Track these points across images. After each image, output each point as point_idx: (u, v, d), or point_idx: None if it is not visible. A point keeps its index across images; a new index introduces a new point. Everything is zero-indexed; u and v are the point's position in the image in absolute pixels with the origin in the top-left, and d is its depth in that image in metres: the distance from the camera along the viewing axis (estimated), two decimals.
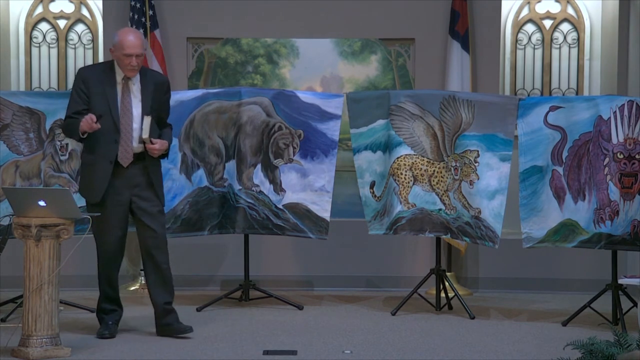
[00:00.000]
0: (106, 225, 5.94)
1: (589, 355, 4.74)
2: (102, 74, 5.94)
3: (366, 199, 7.08)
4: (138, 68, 5.89)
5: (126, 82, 5.91)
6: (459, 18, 7.76)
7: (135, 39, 5.86)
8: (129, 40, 5.85)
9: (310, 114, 7.00)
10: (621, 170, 6.44)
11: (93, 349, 5.80)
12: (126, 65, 5.86)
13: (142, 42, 5.90)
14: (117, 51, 5.90)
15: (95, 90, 5.88)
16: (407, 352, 5.83)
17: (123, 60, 5.86)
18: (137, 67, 5.87)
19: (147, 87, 5.93)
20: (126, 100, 5.89)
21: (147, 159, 5.94)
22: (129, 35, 5.89)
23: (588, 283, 7.60)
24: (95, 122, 5.71)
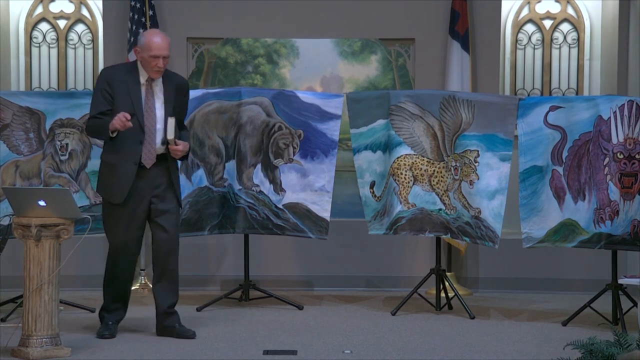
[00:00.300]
0: (125, 225, 5.91)
1: (589, 355, 4.74)
2: (126, 74, 5.90)
3: (366, 199, 7.08)
4: (163, 70, 5.88)
5: (150, 83, 5.89)
6: (459, 18, 7.76)
7: (162, 40, 5.85)
8: (156, 42, 5.83)
9: (310, 114, 7.00)
10: (621, 170, 6.44)
11: (93, 349, 5.80)
12: (152, 67, 5.84)
13: (168, 44, 5.88)
14: (143, 52, 5.86)
15: (120, 91, 5.84)
16: (407, 352, 5.83)
17: (149, 61, 5.83)
18: (162, 69, 5.86)
19: (169, 89, 5.92)
20: (150, 101, 5.87)
21: (169, 160, 5.94)
22: (156, 37, 5.86)
23: (588, 283, 7.61)
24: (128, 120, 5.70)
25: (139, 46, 5.91)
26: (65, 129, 6.83)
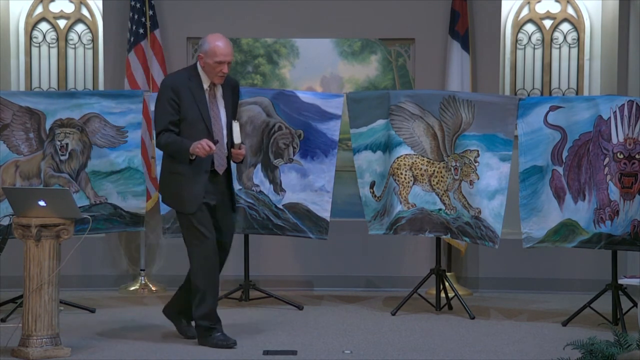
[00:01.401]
0: (202, 234, 5.78)
1: (589, 355, 4.74)
2: (189, 81, 5.77)
3: (366, 199, 7.08)
4: (224, 75, 5.78)
5: (212, 88, 5.80)
6: (459, 18, 7.76)
7: (226, 46, 5.74)
8: (221, 48, 5.73)
9: (310, 114, 7.00)
10: (621, 170, 6.44)
11: (93, 349, 5.80)
12: (217, 73, 5.74)
13: (232, 48, 5.80)
14: (207, 58, 5.74)
15: (185, 98, 5.72)
16: (407, 352, 5.83)
17: (214, 67, 5.72)
18: (224, 75, 5.77)
19: (227, 92, 5.86)
20: (214, 107, 5.79)
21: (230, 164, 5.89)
22: (219, 42, 5.74)
23: (588, 283, 7.61)
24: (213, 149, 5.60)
25: (202, 52, 5.77)
26: (65, 129, 6.83)
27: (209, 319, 5.85)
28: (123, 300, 7.47)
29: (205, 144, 5.58)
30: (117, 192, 6.93)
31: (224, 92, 5.85)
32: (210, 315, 5.85)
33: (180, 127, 5.73)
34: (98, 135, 6.89)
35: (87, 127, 6.87)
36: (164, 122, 5.71)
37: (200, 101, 5.74)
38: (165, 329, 6.36)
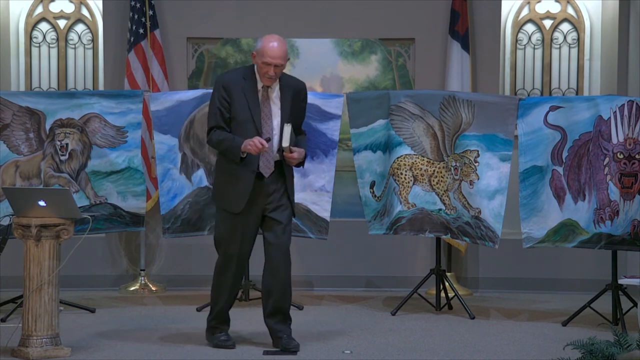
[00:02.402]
0: (239, 236, 5.76)
1: (589, 355, 4.74)
2: (243, 80, 5.67)
3: (366, 199, 7.08)
4: (276, 78, 5.62)
5: (266, 89, 5.65)
6: (459, 18, 7.76)
7: (278, 48, 5.56)
8: (272, 49, 5.55)
9: (310, 114, 6.97)
10: (621, 170, 6.44)
11: (93, 349, 5.80)
12: (264, 74, 5.60)
13: (285, 53, 5.59)
14: (258, 57, 5.63)
15: (237, 97, 5.64)
16: (407, 352, 5.83)
17: (261, 68, 5.60)
18: (274, 77, 5.60)
19: (286, 94, 5.68)
20: (267, 108, 5.66)
21: (285, 168, 5.71)
22: (272, 43, 5.59)
23: (588, 283, 7.61)
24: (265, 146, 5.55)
25: (255, 50, 5.67)
26: (65, 129, 6.83)
27: (216, 319, 5.89)
28: (123, 300, 7.47)
29: (257, 141, 5.51)
30: (117, 192, 6.93)
31: (283, 95, 5.68)
32: (219, 315, 5.89)
33: (231, 126, 5.67)
34: (98, 135, 6.89)
35: (87, 127, 6.86)
36: (215, 119, 5.68)
37: (252, 101, 5.64)
38: (165, 329, 6.36)
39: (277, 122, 5.68)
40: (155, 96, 6.99)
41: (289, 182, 5.77)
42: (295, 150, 5.65)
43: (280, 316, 5.84)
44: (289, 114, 5.69)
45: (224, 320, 5.93)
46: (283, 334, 5.80)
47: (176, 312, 6.97)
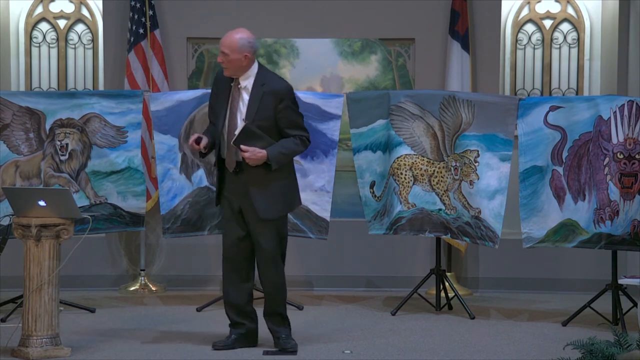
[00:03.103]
0: (226, 229, 5.81)
1: (589, 355, 4.74)
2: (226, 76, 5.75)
3: (366, 199, 7.07)
4: (227, 67, 5.62)
5: (237, 85, 5.69)
6: (459, 18, 7.76)
7: (226, 36, 5.63)
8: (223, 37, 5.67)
9: (310, 114, 6.98)
10: (621, 170, 6.44)
11: (93, 349, 5.80)
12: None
13: (233, 42, 5.58)
14: None
15: (219, 92, 5.74)
16: (407, 352, 5.83)
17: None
18: (225, 66, 5.62)
19: (256, 93, 5.63)
20: (235, 103, 5.68)
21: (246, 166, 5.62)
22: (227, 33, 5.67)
23: (588, 283, 7.61)
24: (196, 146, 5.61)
25: None
26: (65, 129, 6.83)
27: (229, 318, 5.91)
28: (123, 300, 7.47)
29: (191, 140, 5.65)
30: (117, 192, 6.93)
31: (253, 93, 5.65)
32: (228, 315, 5.90)
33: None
34: (98, 135, 6.89)
35: (87, 127, 6.86)
36: (209, 118, 5.85)
37: (225, 97, 5.71)
38: (165, 329, 6.36)
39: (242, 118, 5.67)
40: (155, 96, 6.99)
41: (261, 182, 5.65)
42: (248, 149, 5.55)
43: (277, 317, 5.86)
44: (254, 112, 5.62)
45: (233, 321, 5.89)
46: (281, 334, 5.82)
47: (176, 312, 6.96)
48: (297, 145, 5.69)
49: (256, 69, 5.69)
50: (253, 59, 5.68)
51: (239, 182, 5.68)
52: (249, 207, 5.67)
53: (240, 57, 5.62)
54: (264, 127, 5.60)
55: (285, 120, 5.66)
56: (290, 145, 5.66)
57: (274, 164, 5.59)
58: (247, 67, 5.66)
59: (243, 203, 5.69)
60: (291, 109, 5.68)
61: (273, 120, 5.63)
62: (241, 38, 5.63)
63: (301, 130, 5.71)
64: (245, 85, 5.68)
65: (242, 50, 5.61)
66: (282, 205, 5.75)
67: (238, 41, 5.62)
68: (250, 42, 5.65)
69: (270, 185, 5.67)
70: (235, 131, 5.59)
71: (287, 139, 5.67)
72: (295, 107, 5.72)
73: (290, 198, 5.82)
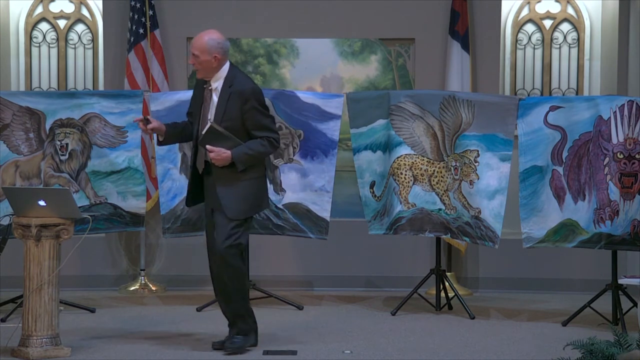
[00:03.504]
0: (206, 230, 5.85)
1: (589, 355, 4.74)
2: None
3: (366, 199, 7.07)
4: (198, 68, 5.65)
5: (208, 87, 5.71)
6: (459, 18, 7.76)
7: (197, 38, 5.65)
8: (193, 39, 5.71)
9: (310, 114, 7.00)
10: (621, 170, 6.44)
11: (93, 349, 5.80)
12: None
13: (203, 45, 5.59)
14: None
15: (196, 93, 5.80)
16: (407, 352, 5.83)
17: None
18: (195, 67, 5.66)
19: (224, 95, 5.63)
20: (207, 106, 5.70)
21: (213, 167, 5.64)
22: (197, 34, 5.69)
23: (588, 283, 7.61)
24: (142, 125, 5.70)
25: None
26: (65, 129, 6.83)
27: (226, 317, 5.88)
28: (123, 300, 7.47)
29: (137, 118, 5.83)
30: (117, 192, 6.93)
31: (221, 94, 5.68)
32: (225, 314, 5.87)
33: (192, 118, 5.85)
34: (98, 135, 6.89)
35: (87, 127, 6.87)
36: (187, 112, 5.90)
37: (198, 97, 5.76)
38: (165, 329, 6.36)
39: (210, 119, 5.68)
40: (155, 96, 7.00)
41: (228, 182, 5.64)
42: (213, 149, 5.56)
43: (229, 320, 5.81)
44: (222, 113, 5.63)
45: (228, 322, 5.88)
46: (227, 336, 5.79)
47: (176, 312, 6.97)
48: (264, 147, 5.66)
49: (227, 71, 5.69)
50: (224, 60, 5.67)
51: (208, 183, 5.73)
52: (217, 209, 5.69)
53: (210, 59, 5.61)
54: (232, 128, 5.60)
55: (251, 122, 5.65)
56: (256, 146, 5.64)
57: (239, 165, 5.59)
58: (218, 68, 5.65)
59: (213, 203, 5.71)
60: (257, 110, 5.66)
61: (240, 121, 5.63)
62: (210, 39, 5.63)
63: (268, 131, 5.68)
64: (215, 86, 5.69)
65: (212, 52, 5.60)
66: (249, 205, 5.72)
67: (207, 42, 5.61)
68: (219, 44, 5.63)
69: (237, 186, 5.66)
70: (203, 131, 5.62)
71: (254, 140, 5.65)
72: (262, 109, 5.69)
73: (258, 199, 5.78)
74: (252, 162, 5.66)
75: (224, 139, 5.58)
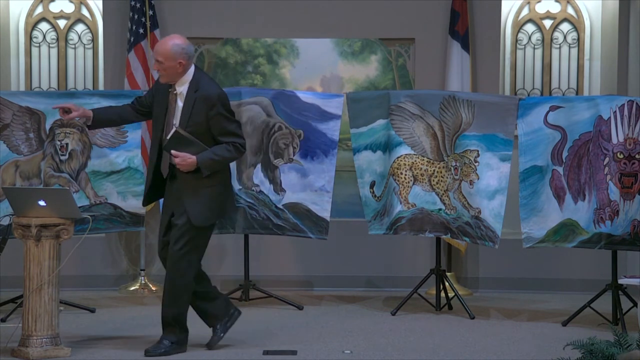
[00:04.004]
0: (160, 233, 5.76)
1: (589, 355, 4.74)
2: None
3: (366, 199, 7.08)
4: (162, 74, 5.58)
5: (173, 91, 5.63)
6: (459, 18, 7.76)
7: (159, 44, 5.63)
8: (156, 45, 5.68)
9: (310, 114, 7.00)
10: (621, 170, 6.44)
11: (93, 349, 5.80)
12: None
13: (166, 50, 5.53)
14: None
15: (157, 98, 5.69)
16: (407, 352, 5.83)
17: None
18: (159, 73, 5.60)
19: (190, 100, 5.56)
20: (171, 110, 5.64)
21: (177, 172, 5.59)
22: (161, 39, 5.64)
23: (588, 283, 7.60)
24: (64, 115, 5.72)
25: None
26: (65, 129, 6.83)
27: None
28: (123, 300, 7.47)
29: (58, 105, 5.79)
30: (117, 192, 6.93)
31: (186, 99, 5.59)
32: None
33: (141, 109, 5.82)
34: (98, 135, 6.89)
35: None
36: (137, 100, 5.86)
37: (162, 101, 5.67)
38: None
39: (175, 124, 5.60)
40: None
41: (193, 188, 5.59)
42: (178, 155, 5.50)
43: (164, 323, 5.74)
44: (187, 118, 5.56)
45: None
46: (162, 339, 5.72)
47: None
48: (230, 152, 5.62)
49: (192, 75, 5.62)
50: (189, 65, 5.60)
51: (173, 188, 5.67)
52: (179, 212, 5.62)
53: (175, 65, 5.54)
54: (197, 133, 5.55)
55: (217, 128, 5.60)
56: (221, 152, 5.59)
57: (205, 170, 5.54)
58: (183, 73, 5.59)
59: (176, 208, 5.65)
60: (222, 116, 5.60)
61: (206, 126, 5.58)
62: (174, 45, 5.55)
63: (234, 137, 5.63)
64: (180, 91, 5.62)
65: (176, 58, 5.53)
66: (214, 212, 5.68)
67: (171, 48, 5.53)
68: (184, 49, 5.56)
69: (202, 192, 5.61)
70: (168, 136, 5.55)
71: (220, 146, 5.60)
72: (228, 114, 5.65)
73: (223, 205, 5.73)
74: (217, 167, 5.61)
75: (189, 144, 5.52)
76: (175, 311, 5.69)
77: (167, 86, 5.66)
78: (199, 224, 5.61)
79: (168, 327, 5.72)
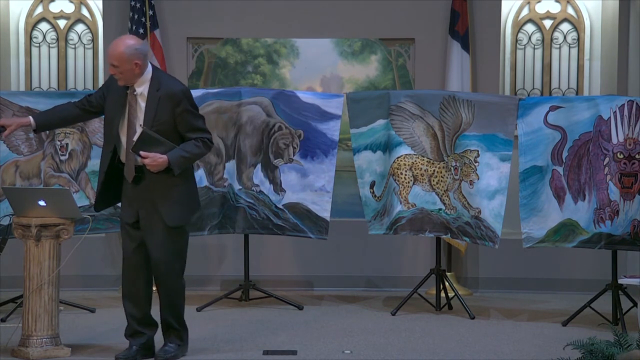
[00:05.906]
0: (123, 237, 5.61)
1: (589, 355, 4.74)
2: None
3: (366, 199, 7.08)
4: (119, 78, 5.41)
5: (132, 92, 5.46)
6: (459, 18, 7.76)
7: (111, 47, 5.43)
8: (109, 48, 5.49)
9: (310, 114, 7.00)
10: (621, 170, 6.44)
11: (93, 349, 5.80)
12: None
13: (118, 53, 5.35)
14: None
15: (111, 98, 5.54)
16: (407, 352, 5.83)
17: None
18: (116, 76, 5.42)
19: (153, 99, 5.43)
20: (133, 112, 5.48)
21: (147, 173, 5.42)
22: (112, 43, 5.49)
23: (588, 283, 7.61)
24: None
25: None
26: (65, 129, 6.82)
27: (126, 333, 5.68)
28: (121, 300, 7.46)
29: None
30: None
31: (149, 98, 5.46)
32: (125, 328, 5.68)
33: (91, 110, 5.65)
34: (98, 135, 6.88)
35: (87, 127, 6.87)
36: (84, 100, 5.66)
37: (121, 102, 5.50)
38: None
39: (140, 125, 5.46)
40: None
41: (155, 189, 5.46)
42: (147, 155, 5.36)
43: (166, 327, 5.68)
44: (152, 118, 5.43)
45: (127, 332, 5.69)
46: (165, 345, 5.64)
47: None
48: (199, 148, 5.52)
49: (150, 74, 5.49)
50: (145, 65, 5.46)
51: (138, 190, 5.50)
52: (149, 215, 5.49)
53: (131, 67, 5.40)
54: (164, 131, 5.43)
55: (184, 125, 5.47)
56: (191, 148, 5.47)
57: (176, 169, 5.41)
58: (140, 74, 5.44)
59: (143, 211, 5.50)
60: (189, 112, 5.50)
61: (172, 124, 5.46)
62: (127, 47, 5.39)
63: (201, 132, 5.54)
64: (140, 91, 5.47)
65: (132, 59, 5.39)
66: (187, 210, 5.59)
67: (125, 51, 5.38)
68: (138, 50, 5.42)
69: (174, 191, 5.50)
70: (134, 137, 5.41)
71: (188, 142, 5.48)
72: (194, 109, 5.55)
73: (193, 202, 5.65)
74: (188, 164, 5.52)
75: (157, 144, 5.39)
76: (176, 313, 5.66)
77: (123, 87, 5.49)
78: (175, 224, 5.49)
79: (170, 329, 5.67)
